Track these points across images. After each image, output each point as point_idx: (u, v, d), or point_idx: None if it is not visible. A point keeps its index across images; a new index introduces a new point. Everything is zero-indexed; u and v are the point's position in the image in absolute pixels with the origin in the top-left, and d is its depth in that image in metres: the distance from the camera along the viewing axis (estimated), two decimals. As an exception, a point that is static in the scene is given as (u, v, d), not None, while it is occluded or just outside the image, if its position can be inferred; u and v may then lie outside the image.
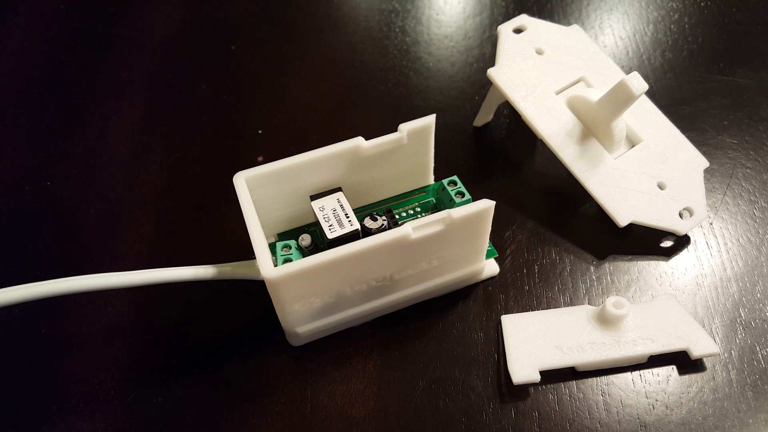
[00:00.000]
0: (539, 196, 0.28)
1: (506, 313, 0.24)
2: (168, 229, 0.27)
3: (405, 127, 0.23)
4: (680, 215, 0.25)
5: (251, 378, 0.23)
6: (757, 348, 0.23)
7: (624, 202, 0.25)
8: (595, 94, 0.26)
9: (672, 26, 0.35)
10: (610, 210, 0.25)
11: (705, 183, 0.26)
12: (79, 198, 0.28)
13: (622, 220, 0.25)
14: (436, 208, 0.25)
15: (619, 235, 0.26)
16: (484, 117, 0.30)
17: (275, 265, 0.20)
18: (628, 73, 0.24)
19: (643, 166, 0.26)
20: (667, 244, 0.26)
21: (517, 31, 0.28)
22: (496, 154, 0.30)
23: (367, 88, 0.33)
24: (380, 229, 0.22)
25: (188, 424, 0.22)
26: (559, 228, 0.26)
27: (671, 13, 0.35)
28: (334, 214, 0.22)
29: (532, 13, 0.36)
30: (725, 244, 0.26)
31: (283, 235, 0.25)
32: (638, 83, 0.24)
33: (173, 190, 0.29)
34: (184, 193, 0.29)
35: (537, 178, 0.29)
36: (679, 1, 0.36)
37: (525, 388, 0.22)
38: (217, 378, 0.23)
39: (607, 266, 0.25)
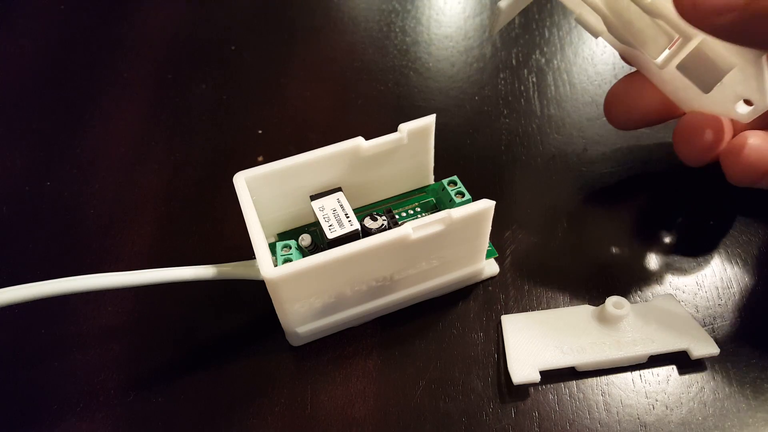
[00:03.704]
0: (539, 195, 0.28)
1: (506, 313, 0.24)
2: (168, 229, 0.27)
3: (405, 127, 0.23)
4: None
5: (251, 378, 0.22)
6: (758, 348, 0.23)
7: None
8: None
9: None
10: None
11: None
12: (79, 198, 0.28)
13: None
14: (436, 208, 0.25)
15: (619, 234, 0.26)
16: (506, 17, 0.25)
17: (275, 265, 0.20)
18: None
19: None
20: (668, 243, 0.26)
21: None
22: (496, 154, 0.30)
23: (367, 88, 0.33)
24: (380, 229, 0.22)
25: (188, 424, 0.22)
26: (559, 228, 0.26)
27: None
28: (334, 214, 0.22)
29: (532, 13, 0.36)
30: (725, 243, 0.26)
31: (283, 235, 0.25)
32: None
33: (173, 190, 0.29)
34: (184, 193, 0.29)
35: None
36: None
37: (525, 388, 0.22)
38: (217, 378, 0.23)
39: (608, 266, 0.25)
